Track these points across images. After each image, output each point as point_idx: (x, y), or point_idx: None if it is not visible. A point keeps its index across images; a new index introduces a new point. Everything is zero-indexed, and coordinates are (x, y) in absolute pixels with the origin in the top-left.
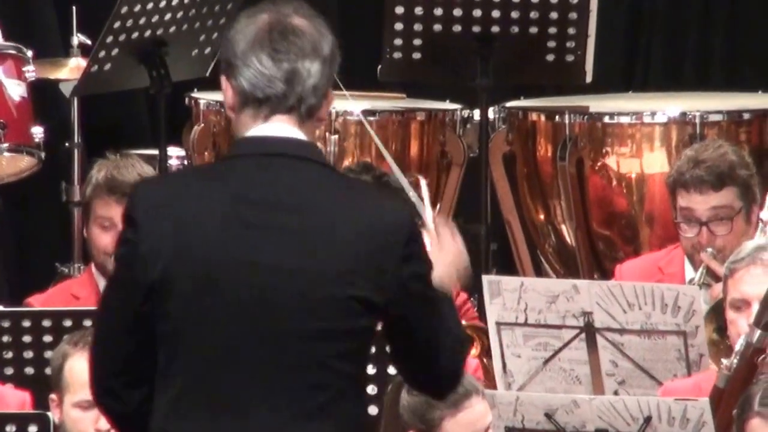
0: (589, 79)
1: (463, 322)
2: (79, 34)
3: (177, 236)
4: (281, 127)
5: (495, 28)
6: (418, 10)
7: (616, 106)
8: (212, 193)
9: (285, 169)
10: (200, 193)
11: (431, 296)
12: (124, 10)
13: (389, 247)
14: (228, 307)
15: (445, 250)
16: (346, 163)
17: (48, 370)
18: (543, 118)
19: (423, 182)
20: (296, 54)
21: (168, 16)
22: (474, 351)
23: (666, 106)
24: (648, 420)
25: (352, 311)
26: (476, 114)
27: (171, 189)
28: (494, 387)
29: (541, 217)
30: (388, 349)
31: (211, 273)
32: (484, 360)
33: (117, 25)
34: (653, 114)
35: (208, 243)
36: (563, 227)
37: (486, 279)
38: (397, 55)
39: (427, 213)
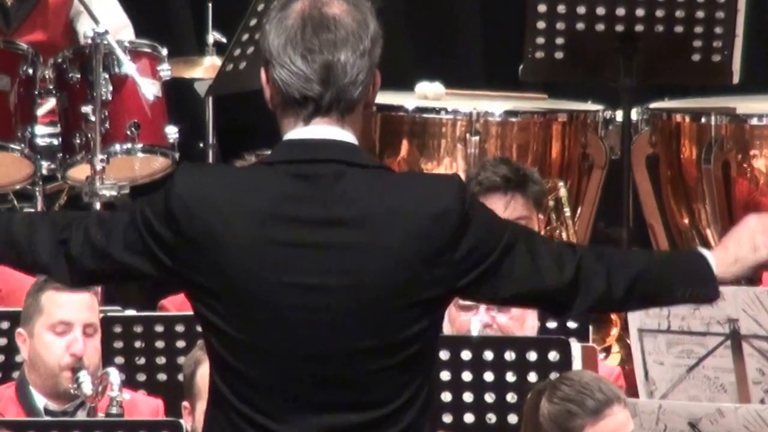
0: (736, 79)
1: None
2: (214, 32)
3: (219, 259)
4: (321, 129)
5: (639, 27)
6: (561, 9)
7: (763, 107)
8: (253, 208)
9: (326, 179)
10: (240, 205)
11: (503, 253)
12: (260, 7)
13: (442, 238)
14: (276, 329)
15: (755, 238)
16: None
17: (181, 377)
18: (688, 119)
19: (560, 184)
20: (330, 49)
21: None
22: (614, 331)
23: None
24: None
25: (409, 319)
26: (618, 115)
27: (211, 198)
28: (636, 395)
29: (686, 221)
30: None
31: (257, 297)
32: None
33: (253, 22)
34: None
35: (252, 268)
36: (708, 231)
37: None
38: (539, 54)
39: None
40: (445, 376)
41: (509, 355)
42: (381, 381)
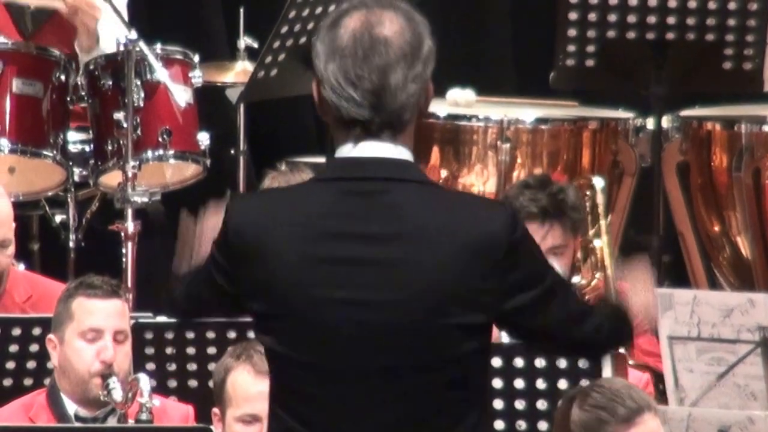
0: (767, 87)
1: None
2: (245, 37)
3: (269, 277)
4: (373, 147)
5: (670, 35)
6: (592, 16)
7: None
8: (300, 226)
9: (375, 195)
10: (287, 223)
11: (543, 293)
12: (292, 14)
13: (489, 264)
14: (326, 345)
15: (639, 289)
16: (517, 171)
17: (212, 383)
18: (719, 127)
19: (597, 182)
20: (380, 75)
21: None
22: None
23: None
24: None
25: (455, 339)
26: (649, 123)
27: (262, 219)
28: (665, 402)
29: (716, 228)
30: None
31: (307, 313)
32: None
33: (284, 29)
34: None
35: (301, 284)
36: (739, 239)
37: (658, 292)
38: (570, 62)
39: None
40: None
41: (540, 362)
42: (433, 398)
